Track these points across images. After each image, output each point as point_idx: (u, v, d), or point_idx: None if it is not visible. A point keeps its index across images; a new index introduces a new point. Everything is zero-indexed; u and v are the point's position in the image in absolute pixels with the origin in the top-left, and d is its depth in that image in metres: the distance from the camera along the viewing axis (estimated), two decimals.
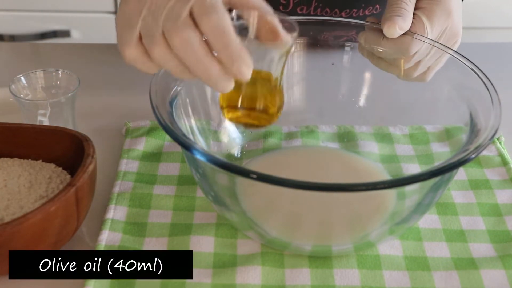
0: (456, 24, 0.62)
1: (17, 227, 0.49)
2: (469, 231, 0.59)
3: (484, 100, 0.55)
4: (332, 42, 0.68)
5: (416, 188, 0.52)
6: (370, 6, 0.83)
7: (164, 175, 0.65)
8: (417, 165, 0.66)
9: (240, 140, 0.68)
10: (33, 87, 0.69)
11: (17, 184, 0.57)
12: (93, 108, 0.77)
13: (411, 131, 0.70)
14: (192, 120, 0.61)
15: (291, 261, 0.55)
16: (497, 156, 0.69)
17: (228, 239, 0.58)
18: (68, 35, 1.78)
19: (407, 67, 0.62)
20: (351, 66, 0.68)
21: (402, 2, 0.60)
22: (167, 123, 0.50)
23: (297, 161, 0.67)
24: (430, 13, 0.61)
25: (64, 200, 0.51)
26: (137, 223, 0.59)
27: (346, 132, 0.71)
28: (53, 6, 1.74)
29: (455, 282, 0.54)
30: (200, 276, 0.54)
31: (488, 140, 0.50)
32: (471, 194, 0.64)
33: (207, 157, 0.47)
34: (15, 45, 1.03)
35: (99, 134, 0.69)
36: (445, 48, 0.61)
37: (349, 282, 0.54)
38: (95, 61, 0.89)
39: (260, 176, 0.45)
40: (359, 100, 0.69)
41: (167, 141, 0.70)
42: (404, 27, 0.60)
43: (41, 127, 0.61)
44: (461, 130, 0.58)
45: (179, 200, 0.62)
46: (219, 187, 0.55)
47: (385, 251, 0.57)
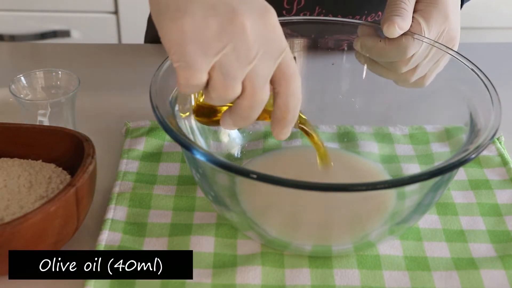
0: (453, 27, 0.62)
1: (17, 227, 0.49)
2: (469, 231, 0.59)
3: (484, 100, 0.55)
4: (332, 44, 0.68)
5: (416, 188, 0.52)
6: (372, 13, 0.83)
7: (164, 175, 0.65)
8: (417, 165, 0.66)
9: (240, 140, 0.68)
10: (33, 87, 0.69)
11: (17, 184, 0.57)
12: (93, 108, 0.77)
13: (411, 131, 0.70)
14: (192, 120, 0.61)
15: (291, 261, 0.55)
16: (497, 156, 0.69)
17: (228, 239, 0.58)
18: (68, 35, 1.78)
19: (405, 70, 0.62)
20: (351, 66, 0.68)
21: (401, 3, 0.60)
22: (167, 123, 0.50)
23: (297, 161, 0.67)
24: (427, 15, 0.61)
25: (64, 200, 0.51)
26: (137, 223, 0.59)
27: (346, 132, 0.71)
28: (53, 6, 1.74)
29: (455, 282, 0.54)
30: (200, 276, 0.54)
31: (488, 140, 0.50)
32: (471, 194, 0.64)
33: (207, 157, 0.47)
34: (15, 45, 1.03)
35: (99, 134, 0.69)
36: (444, 48, 0.61)
37: (349, 282, 0.54)
38: (95, 61, 0.89)
39: (260, 176, 0.45)
40: (359, 100, 0.69)
41: (167, 141, 0.70)
42: (403, 27, 0.60)
43: (41, 127, 0.61)
44: (461, 130, 0.58)
45: (179, 200, 0.62)
46: (219, 187, 0.55)
47: (385, 251, 0.57)
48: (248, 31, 0.45)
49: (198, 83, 0.45)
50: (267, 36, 0.46)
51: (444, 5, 0.61)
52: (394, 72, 0.63)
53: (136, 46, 0.94)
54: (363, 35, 0.64)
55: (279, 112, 0.49)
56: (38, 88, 0.69)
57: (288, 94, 0.48)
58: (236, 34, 0.44)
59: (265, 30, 0.46)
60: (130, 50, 0.92)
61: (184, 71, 0.45)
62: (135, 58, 0.89)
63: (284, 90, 0.48)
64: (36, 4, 1.74)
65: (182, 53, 0.44)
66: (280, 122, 0.50)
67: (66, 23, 1.78)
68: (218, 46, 0.44)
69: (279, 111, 0.49)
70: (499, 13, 1.77)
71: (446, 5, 0.61)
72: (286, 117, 0.49)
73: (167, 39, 0.45)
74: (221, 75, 0.45)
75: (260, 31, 0.45)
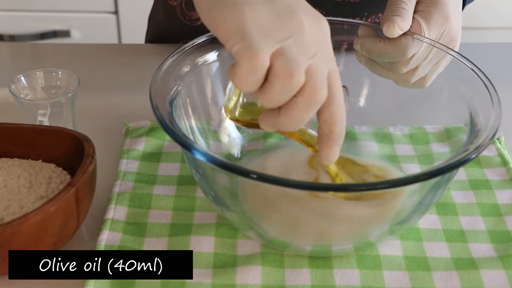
0: (454, 29, 0.62)
1: (17, 227, 0.49)
2: (469, 231, 0.59)
3: (484, 100, 0.55)
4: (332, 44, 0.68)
5: (416, 188, 0.52)
6: (373, 15, 0.83)
7: (164, 175, 0.65)
8: (417, 165, 0.66)
9: (240, 140, 0.68)
10: (33, 87, 0.69)
11: (17, 184, 0.57)
12: (93, 108, 0.77)
13: (411, 131, 0.70)
14: (192, 120, 0.61)
15: (291, 261, 0.56)
16: (497, 156, 0.69)
17: (228, 239, 0.58)
18: (68, 35, 1.78)
19: (405, 71, 0.62)
20: (351, 66, 0.68)
21: (401, 3, 0.60)
22: (167, 123, 0.50)
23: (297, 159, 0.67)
24: (427, 16, 0.61)
25: (64, 200, 0.51)
26: (137, 223, 0.59)
27: (346, 132, 0.70)
28: (53, 6, 1.75)
29: (455, 282, 0.54)
30: (200, 276, 0.54)
31: (488, 140, 0.50)
32: (471, 194, 0.64)
33: (207, 157, 0.47)
34: (15, 45, 1.03)
35: (99, 134, 0.69)
36: (444, 48, 0.61)
37: (349, 282, 0.54)
38: (95, 61, 0.89)
39: (260, 176, 0.45)
40: (359, 100, 0.69)
41: (167, 141, 0.70)
42: (403, 27, 0.60)
43: (41, 127, 0.61)
44: (461, 130, 0.58)
45: (179, 200, 0.62)
46: (219, 187, 0.55)
47: (385, 251, 0.57)
48: (307, 30, 0.45)
49: (262, 65, 0.42)
50: (322, 41, 0.46)
51: (445, 6, 0.61)
52: (395, 73, 0.63)
53: (136, 46, 0.94)
54: (363, 35, 0.64)
55: (326, 126, 0.47)
56: (38, 88, 0.69)
57: (334, 104, 0.46)
58: (296, 30, 0.44)
59: (320, 35, 0.46)
60: (130, 50, 0.92)
61: (247, 51, 0.42)
62: (135, 58, 0.89)
63: (330, 101, 0.46)
64: (36, 4, 1.74)
65: (244, 34, 0.43)
66: (327, 139, 0.47)
67: (66, 23, 1.78)
68: (280, 35, 0.43)
69: (325, 125, 0.47)
70: (499, 13, 1.77)
71: (447, 6, 0.61)
72: (333, 131, 0.47)
73: (225, 27, 0.44)
74: (286, 60, 0.43)
75: (316, 34, 0.45)
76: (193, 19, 0.87)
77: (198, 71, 0.62)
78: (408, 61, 0.61)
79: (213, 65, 0.63)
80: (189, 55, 0.60)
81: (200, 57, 0.62)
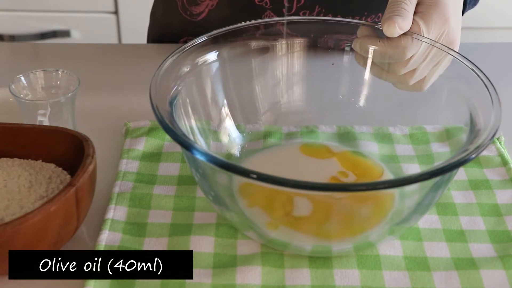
0: (453, 31, 0.62)
1: (17, 227, 0.49)
2: (469, 231, 0.59)
3: (484, 100, 0.55)
4: (332, 44, 0.68)
5: (416, 188, 0.52)
6: (372, 15, 0.83)
7: (164, 175, 0.65)
8: (417, 165, 0.66)
9: (240, 140, 0.68)
10: (33, 87, 0.69)
11: (17, 184, 0.57)
12: (93, 108, 0.77)
13: (411, 131, 0.70)
14: (192, 120, 0.61)
15: (291, 261, 0.56)
16: (497, 156, 0.69)
17: (228, 239, 0.58)
18: (68, 35, 1.78)
19: (403, 72, 0.62)
20: (351, 66, 0.68)
21: (402, 3, 0.60)
22: (167, 123, 0.50)
23: (296, 158, 0.67)
24: (427, 17, 0.61)
25: (64, 200, 0.51)
26: (137, 223, 0.59)
27: (346, 132, 0.71)
28: (53, 6, 1.75)
29: (455, 282, 0.54)
30: (200, 276, 0.54)
31: (488, 140, 0.50)
32: (471, 194, 0.64)
33: (207, 157, 0.47)
34: (15, 45, 1.03)
35: (99, 134, 0.69)
36: (444, 48, 0.61)
37: (349, 282, 0.54)
38: (95, 61, 0.89)
39: (260, 176, 0.45)
40: (359, 100, 0.69)
41: (167, 141, 0.70)
42: (403, 27, 0.60)
43: (41, 127, 0.61)
44: (461, 130, 0.58)
45: (179, 200, 0.62)
46: (219, 187, 0.55)
47: (385, 251, 0.57)
48: None
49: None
50: None
51: (444, 8, 0.61)
52: (393, 74, 0.63)
53: (136, 46, 0.94)
54: (362, 36, 0.64)
55: None
56: (38, 88, 0.69)
57: None
58: None
59: None
60: (130, 50, 0.92)
61: None
62: (135, 58, 0.89)
63: None
64: (36, 4, 1.74)
65: None
66: None
67: (66, 23, 1.78)
68: None
69: None
70: (499, 13, 1.77)
71: (446, 7, 0.61)
72: None
73: None
74: None
75: None
76: (194, 14, 0.87)
77: (198, 71, 0.62)
78: (407, 62, 0.61)
79: (213, 65, 0.63)
80: (189, 55, 0.60)
81: (200, 57, 0.62)
